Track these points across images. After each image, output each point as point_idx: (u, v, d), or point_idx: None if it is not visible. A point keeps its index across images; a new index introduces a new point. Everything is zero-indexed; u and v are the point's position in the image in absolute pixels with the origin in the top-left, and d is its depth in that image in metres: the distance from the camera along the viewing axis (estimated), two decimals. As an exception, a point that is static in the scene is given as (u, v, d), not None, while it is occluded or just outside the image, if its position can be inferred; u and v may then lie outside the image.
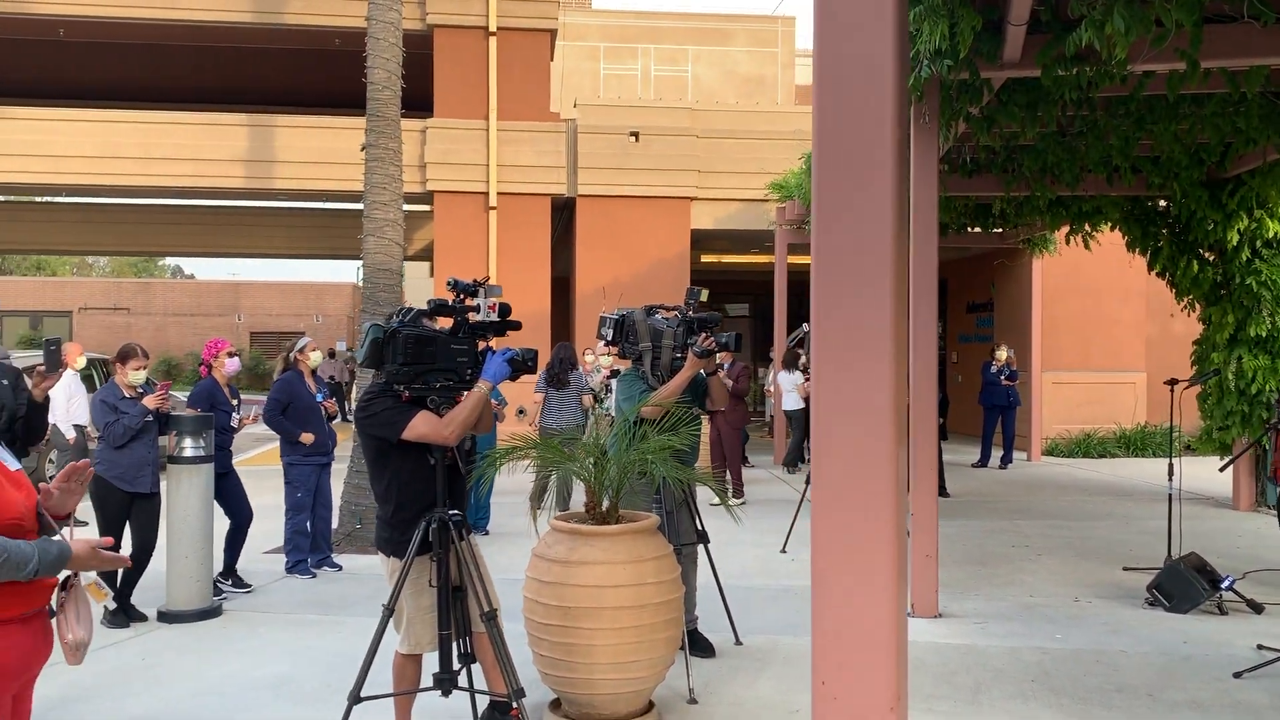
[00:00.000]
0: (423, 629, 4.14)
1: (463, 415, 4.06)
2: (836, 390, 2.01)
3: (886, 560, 2.03)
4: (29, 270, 53.00)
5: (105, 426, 6.17)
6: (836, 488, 2.05)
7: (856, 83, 1.98)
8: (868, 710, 1.96)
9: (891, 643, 2.01)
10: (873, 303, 1.98)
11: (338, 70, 17.90)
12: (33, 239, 23.09)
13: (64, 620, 2.67)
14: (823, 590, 2.09)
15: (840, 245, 2.02)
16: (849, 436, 2.02)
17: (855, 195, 1.99)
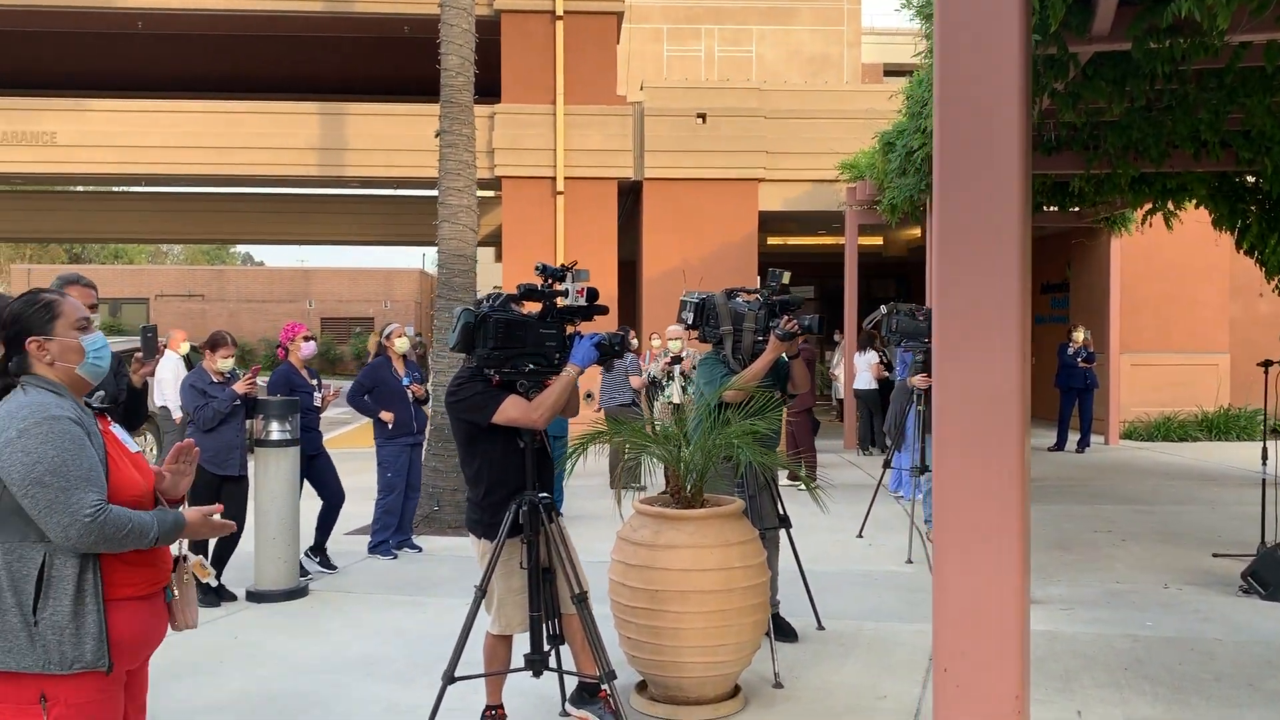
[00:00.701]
0: (513, 610, 4.18)
1: (551, 399, 4.08)
2: (960, 373, 1.97)
3: (1011, 547, 1.99)
4: (107, 258, 54.50)
5: (195, 410, 6.33)
6: (961, 473, 2.01)
7: (983, 45, 1.92)
8: (992, 698, 1.93)
9: (1016, 630, 1.97)
10: (998, 280, 1.93)
11: (407, 57, 18.06)
12: (111, 228, 23.73)
13: (177, 601, 2.75)
14: (946, 576, 2.05)
15: (964, 220, 1.97)
16: (974, 421, 1.97)
17: (981, 165, 1.94)
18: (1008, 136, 1.95)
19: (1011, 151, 1.95)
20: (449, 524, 8.77)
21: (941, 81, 2.07)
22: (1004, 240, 1.95)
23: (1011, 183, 1.95)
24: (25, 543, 2.47)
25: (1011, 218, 1.94)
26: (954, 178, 2.02)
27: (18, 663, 2.42)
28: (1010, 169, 1.95)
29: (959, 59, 2.01)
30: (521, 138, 15.31)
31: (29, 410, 2.48)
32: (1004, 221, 1.94)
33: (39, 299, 2.68)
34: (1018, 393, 1.96)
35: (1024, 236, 1.98)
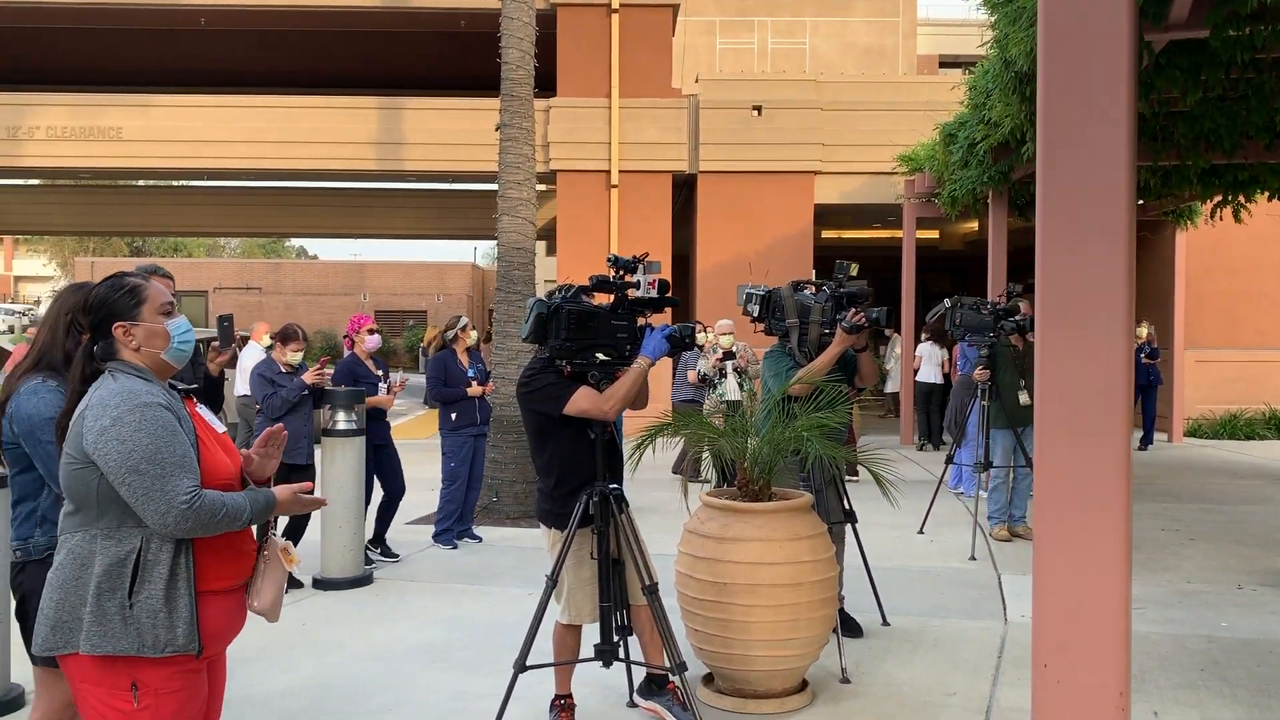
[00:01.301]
0: (583, 600, 4.20)
1: (622, 390, 4.09)
2: (1064, 363, 1.93)
3: (1116, 540, 1.95)
4: (166, 252, 55.56)
5: (264, 399, 6.43)
6: (1065, 464, 1.97)
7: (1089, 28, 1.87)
8: (1094, 695, 1.89)
9: (1120, 625, 1.93)
10: (1104, 266, 1.89)
11: (463, 52, 18.20)
12: (171, 221, 24.20)
13: (256, 589, 2.77)
14: (1046, 569, 2.02)
15: (1069, 206, 1.93)
16: (1078, 412, 1.93)
17: (1087, 151, 1.89)
18: (1115, 124, 1.90)
19: (1119, 137, 1.90)
20: (508, 515, 8.82)
21: (1046, 64, 2.03)
22: (1110, 226, 1.90)
23: (1119, 167, 1.90)
24: (122, 528, 2.51)
25: (1118, 202, 1.90)
26: (1059, 163, 1.98)
27: (113, 646, 2.45)
28: (1117, 154, 1.90)
29: (1064, 48, 1.96)
30: (576, 131, 15.34)
31: (121, 398, 2.49)
32: (1110, 207, 1.89)
33: (124, 284, 2.68)
34: (1123, 383, 1.92)
35: (1130, 222, 1.93)
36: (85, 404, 2.54)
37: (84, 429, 2.49)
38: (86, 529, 2.52)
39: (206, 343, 4.76)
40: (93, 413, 2.49)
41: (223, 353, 4.85)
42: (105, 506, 2.50)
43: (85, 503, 2.52)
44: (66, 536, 2.57)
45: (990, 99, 8.48)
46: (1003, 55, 7.29)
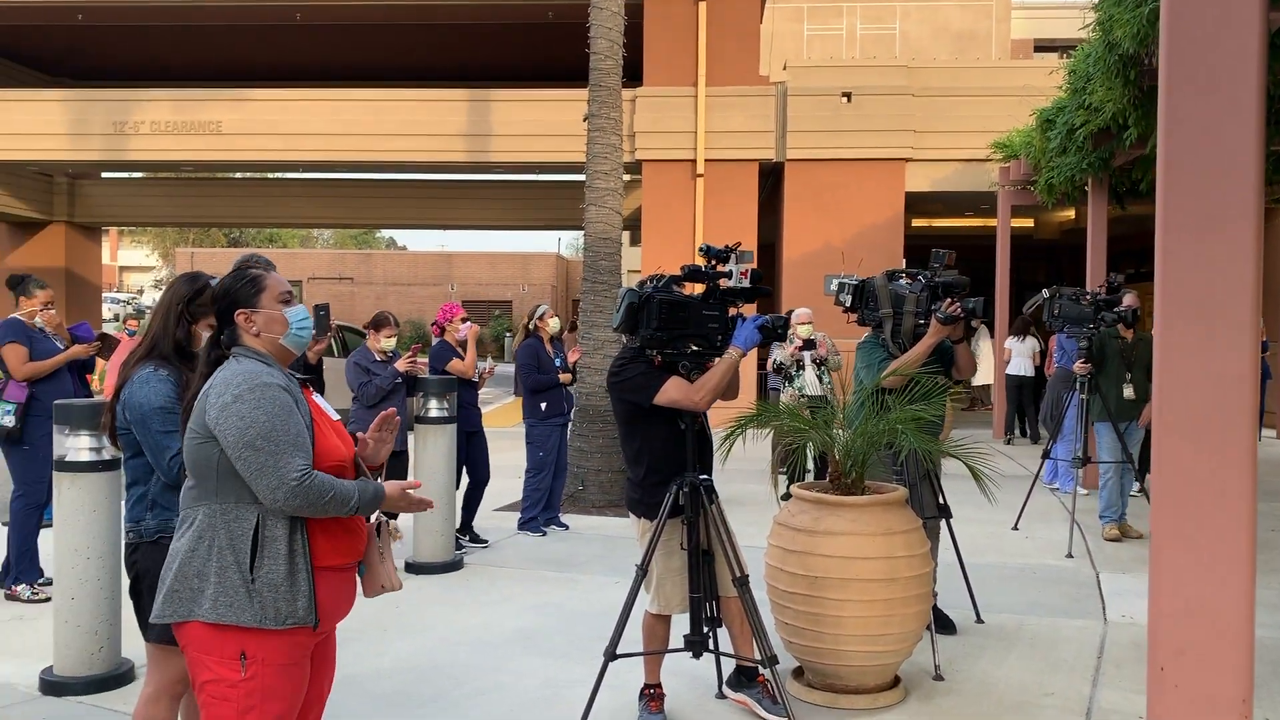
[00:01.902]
0: (672, 590, 4.19)
1: (713, 381, 4.06)
2: (1187, 355, 1.85)
3: (1239, 539, 1.86)
4: (262, 242, 57.16)
5: (359, 387, 6.56)
6: (1186, 461, 1.89)
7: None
8: (1215, 702, 1.81)
9: (1244, 628, 1.85)
10: (1230, 256, 1.80)
11: (551, 44, 18.31)
12: (267, 212, 24.86)
13: (376, 566, 2.85)
14: (1164, 569, 1.94)
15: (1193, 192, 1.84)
16: (1201, 406, 1.85)
17: (1213, 137, 1.80)
18: (1243, 110, 1.81)
19: (1248, 123, 1.81)
20: (593, 503, 8.88)
21: (1170, 47, 1.94)
22: (1238, 215, 1.81)
23: (1247, 154, 1.81)
24: (241, 503, 2.60)
25: (1247, 190, 1.81)
26: (1182, 151, 1.89)
27: (237, 616, 2.55)
28: (1246, 140, 1.81)
29: (1189, 30, 1.87)
30: (662, 120, 15.32)
31: (242, 377, 2.61)
32: (1238, 195, 1.80)
33: (246, 274, 2.80)
34: (1250, 376, 1.83)
35: (1259, 210, 1.84)
36: (209, 384, 2.66)
37: (207, 406, 2.61)
38: (207, 503, 2.63)
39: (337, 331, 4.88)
40: (216, 391, 2.62)
41: (319, 341, 4.96)
42: (225, 481, 2.61)
43: (206, 477, 2.63)
44: (189, 511, 2.68)
45: (1091, 83, 8.21)
46: (1106, 38, 7.06)
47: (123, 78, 21.04)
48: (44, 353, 6.01)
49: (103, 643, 4.57)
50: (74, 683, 4.50)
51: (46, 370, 5.98)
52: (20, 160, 17.49)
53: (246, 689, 2.57)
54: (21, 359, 5.87)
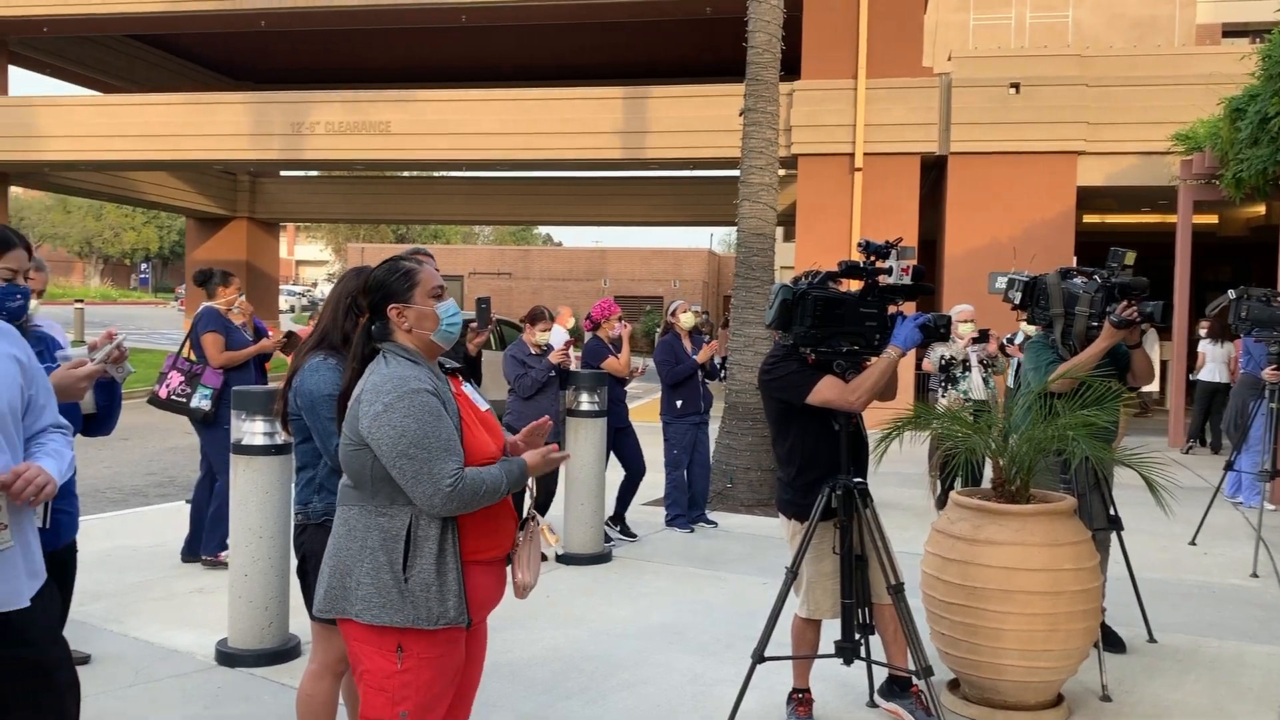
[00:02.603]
0: (822, 595, 4.10)
1: (870, 381, 3.94)
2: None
3: None
4: (427, 238, 59.27)
5: (515, 379, 6.70)
6: None
7: None
8: None
9: None
10: None
11: (708, 39, 18.29)
12: (432, 210, 25.77)
13: (518, 561, 2.87)
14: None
15: None
16: None
17: None
18: None
19: None
20: (741, 502, 8.80)
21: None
22: None
23: None
24: (394, 505, 2.64)
25: None
26: None
27: (390, 618, 2.59)
28: None
29: None
30: (819, 114, 15.07)
31: (392, 384, 2.62)
32: None
33: (400, 267, 2.82)
34: None
35: None
36: (361, 388, 2.69)
37: (359, 414, 2.64)
38: (362, 504, 2.69)
39: (466, 324, 4.98)
40: (367, 398, 2.64)
41: (480, 333, 5.07)
42: (379, 485, 2.65)
43: (361, 480, 2.69)
44: (344, 509, 2.74)
45: (1290, 67, 7.62)
46: (1308, 18, 6.52)
47: (300, 81, 22.15)
48: (238, 343, 6.41)
49: (272, 618, 4.80)
50: (245, 655, 4.75)
51: (240, 359, 6.38)
52: (207, 160, 18.63)
53: (401, 680, 2.63)
54: (219, 347, 6.28)
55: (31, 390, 2.58)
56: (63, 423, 2.69)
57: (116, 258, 61.54)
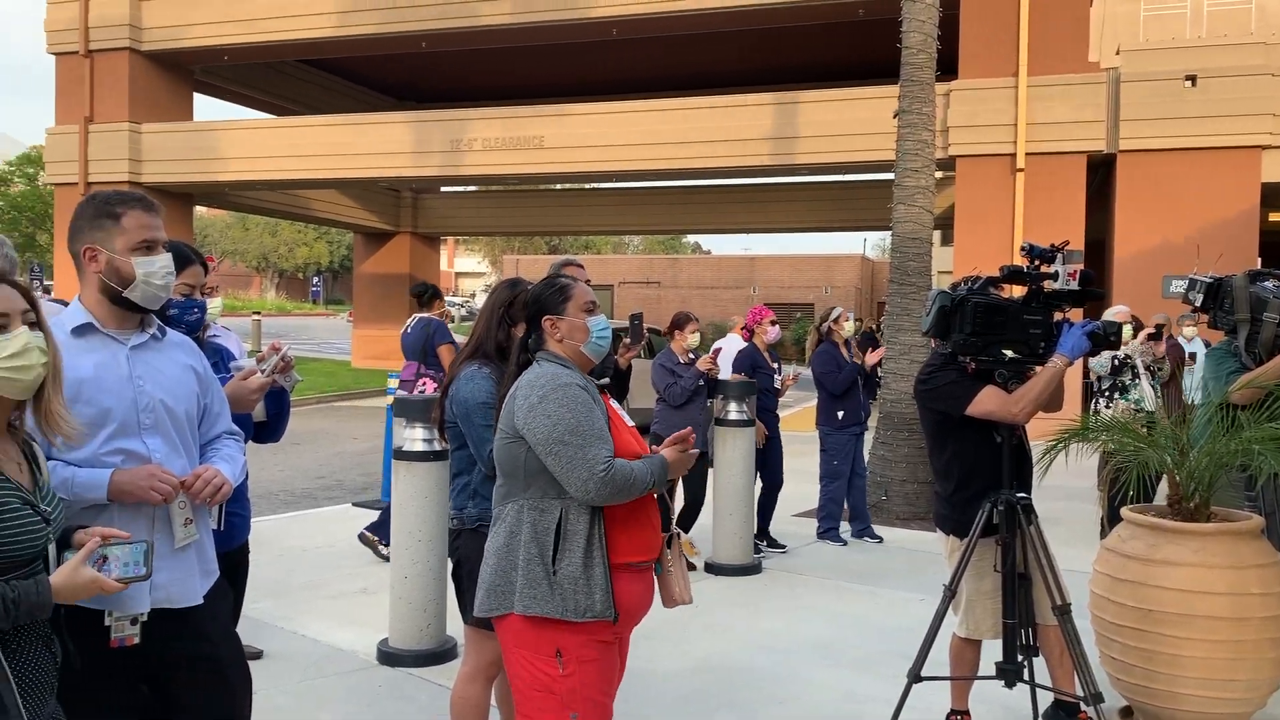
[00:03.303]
0: (983, 614, 3.94)
1: (1035, 392, 3.76)
2: None
3: None
4: (578, 249, 60.35)
5: (665, 388, 6.70)
6: None
7: None
8: None
9: None
10: None
11: (859, 41, 17.97)
12: (583, 221, 26.24)
13: (669, 576, 2.91)
14: None
15: None
16: None
17: None
18: None
19: None
20: (896, 515, 8.58)
21: None
22: None
23: None
24: (546, 498, 2.74)
25: None
26: None
27: (541, 608, 2.68)
28: None
29: None
30: (978, 114, 14.58)
31: (545, 379, 2.76)
32: None
33: (555, 283, 2.96)
34: None
35: None
36: (515, 387, 2.83)
37: (515, 408, 2.77)
38: (515, 500, 2.79)
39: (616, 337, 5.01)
40: (522, 393, 2.78)
41: (632, 348, 5.10)
42: (531, 478, 2.75)
43: (514, 474, 2.79)
44: (500, 509, 2.85)
45: None
46: None
47: (458, 99, 22.90)
48: None
49: (430, 620, 4.94)
50: (405, 655, 4.90)
51: None
52: (373, 177, 19.46)
53: (568, 685, 2.69)
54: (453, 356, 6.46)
55: (207, 399, 2.73)
56: (235, 429, 2.84)
57: (291, 272, 65.14)
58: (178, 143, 19.04)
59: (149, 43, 18.85)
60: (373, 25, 17.73)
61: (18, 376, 2.08)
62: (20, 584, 2.02)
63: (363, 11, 17.68)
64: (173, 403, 2.58)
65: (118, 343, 2.55)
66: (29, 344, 2.10)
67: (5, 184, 38.34)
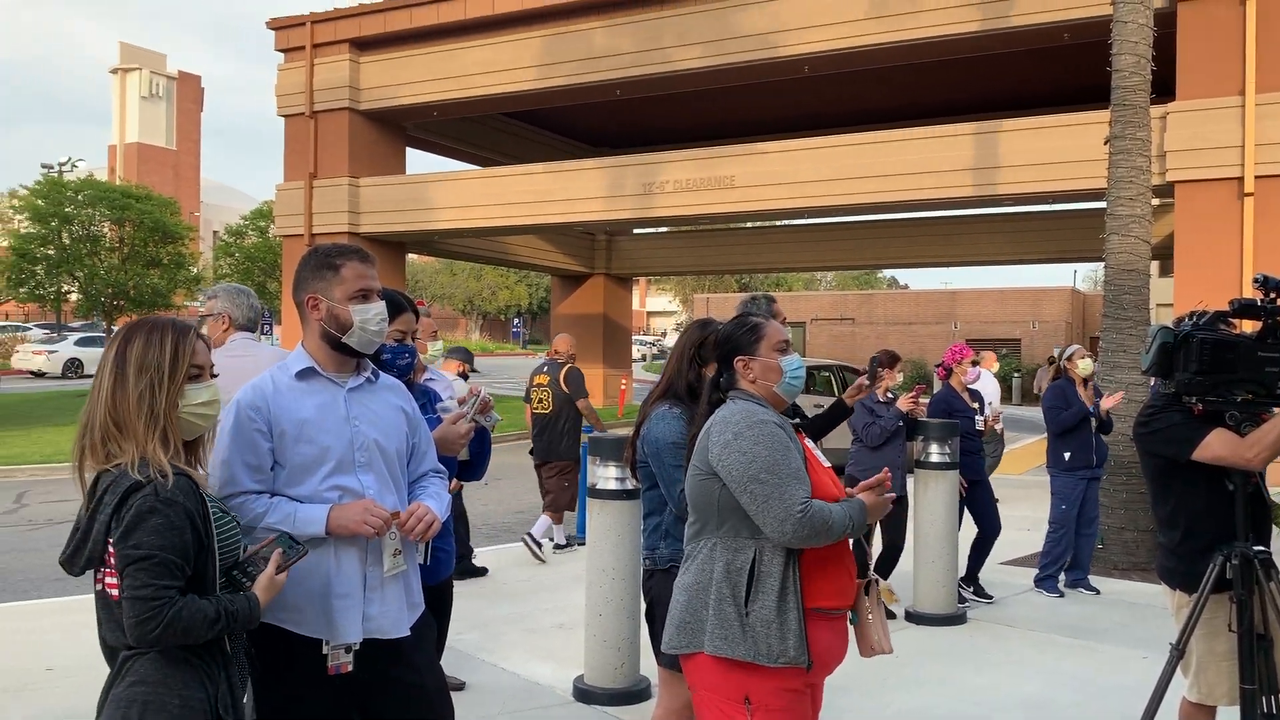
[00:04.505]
0: (1216, 678, 3.60)
1: (1272, 436, 3.42)
2: None
3: None
4: (769, 286, 60.16)
5: (863, 428, 6.53)
6: None
7: None
8: None
9: None
10: None
11: (1063, 67, 17.22)
12: (773, 258, 26.09)
13: (868, 624, 2.80)
14: None
15: None
16: None
17: None
18: None
19: None
20: (1115, 564, 8.03)
21: None
22: None
23: None
24: (739, 537, 2.68)
25: None
26: None
27: (732, 650, 2.61)
28: None
29: None
30: (1200, 136, 13.63)
31: (740, 415, 2.72)
32: None
33: (747, 322, 2.93)
34: None
35: None
36: (710, 423, 2.80)
37: (709, 444, 2.74)
38: (708, 537, 2.75)
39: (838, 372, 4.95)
40: (716, 429, 2.74)
41: (866, 389, 5.03)
42: (724, 516, 2.70)
43: (707, 512, 2.75)
44: (692, 546, 2.81)
45: None
46: None
47: (650, 143, 23.37)
48: None
49: (624, 659, 4.97)
50: (599, 693, 4.94)
51: None
52: (569, 222, 20.06)
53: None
54: None
55: (415, 438, 2.86)
56: (440, 467, 2.96)
57: (493, 314, 68.01)
58: (391, 195, 20.26)
59: (366, 102, 20.19)
60: (570, 76, 18.37)
61: (200, 422, 2.35)
62: (234, 598, 2.25)
63: (561, 64, 18.35)
64: (385, 442, 2.72)
65: (336, 385, 2.72)
66: (214, 396, 2.38)
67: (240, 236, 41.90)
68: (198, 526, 2.20)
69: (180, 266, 35.10)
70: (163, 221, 34.14)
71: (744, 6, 16.88)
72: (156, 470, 2.19)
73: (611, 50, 17.97)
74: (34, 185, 34.70)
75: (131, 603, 2.11)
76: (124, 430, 2.24)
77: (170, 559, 2.13)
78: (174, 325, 2.36)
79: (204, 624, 2.15)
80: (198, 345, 2.36)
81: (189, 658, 2.19)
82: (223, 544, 2.28)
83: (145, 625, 2.10)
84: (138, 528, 2.13)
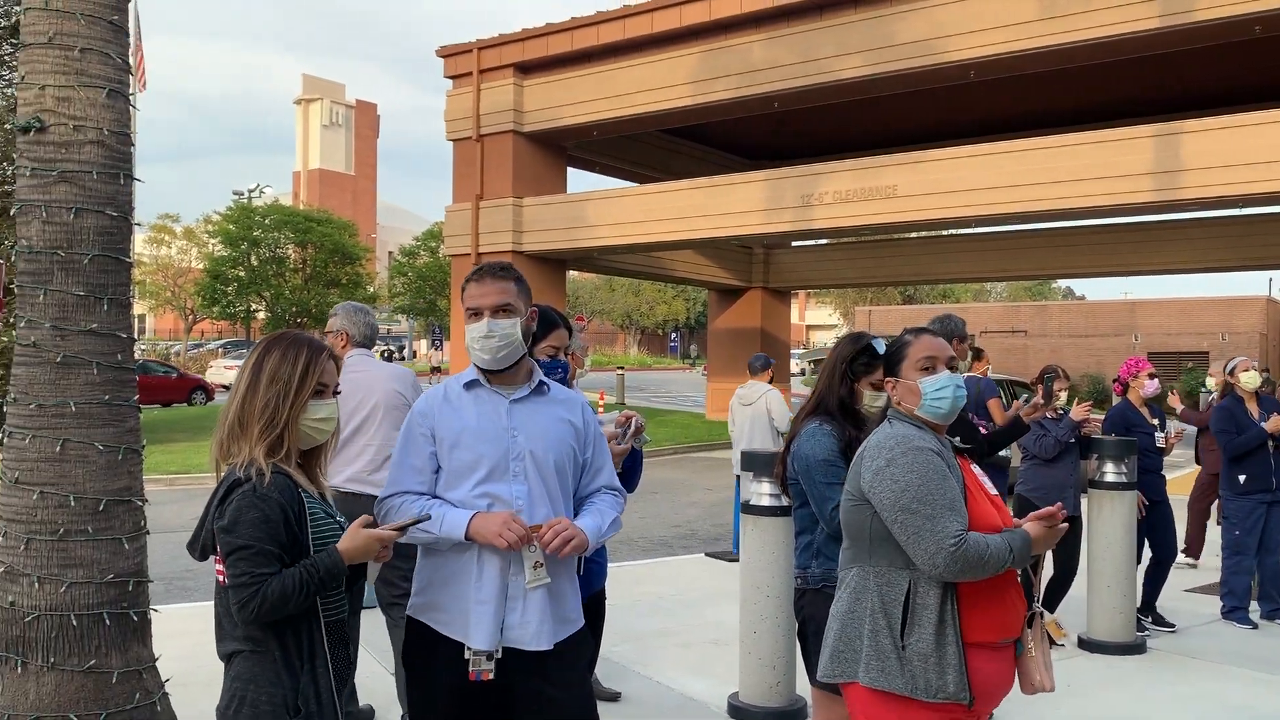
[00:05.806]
0: None
1: None
2: None
3: None
4: (935, 298, 58.50)
5: (1035, 441, 6.23)
6: None
7: None
8: None
9: None
10: None
11: (1252, 61, 16.12)
12: (940, 269, 25.33)
13: (1029, 659, 2.66)
14: None
15: None
16: None
17: None
18: None
19: None
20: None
21: None
22: None
23: None
24: (893, 568, 2.59)
25: None
26: None
27: (888, 683, 2.53)
28: None
29: None
30: None
31: (894, 441, 2.61)
32: None
33: (900, 339, 2.84)
34: None
35: None
36: (863, 448, 2.72)
37: (862, 469, 2.66)
38: (861, 565, 2.67)
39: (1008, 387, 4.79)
40: (870, 454, 2.65)
41: (1041, 408, 4.80)
42: (877, 545, 2.62)
43: (859, 539, 2.67)
44: (845, 571, 2.74)
45: None
46: None
47: (808, 154, 23.13)
48: None
49: (779, 677, 4.90)
50: (754, 711, 4.88)
51: None
52: (727, 236, 20.04)
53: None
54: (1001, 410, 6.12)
55: (587, 454, 2.89)
56: (616, 485, 2.96)
57: (651, 328, 68.70)
58: (552, 213, 20.76)
59: (529, 124, 20.77)
60: (727, 91, 18.39)
61: (317, 435, 2.52)
62: (314, 556, 2.39)
63: (719, 79, 18.40)
64: (542, 453, 2.76)
65: (500, 396, 2.81)
66: (332, 414, 2.54)
67: (413, 256, 43.78)
68: (290, 521, 2.37)
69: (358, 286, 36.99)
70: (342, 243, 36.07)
71: (904, 13, 16.52)
72: (257, 469, 2.38)
73: (770, 63, 17.90)
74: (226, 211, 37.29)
75: (235, 589, 2.32)
76: (245, 431, 2.45)
77: (267, 548, 2.32)
78: (310, 344, 2.54)
79: (295, 587, 2.31)
80: (327, 365, 2.53)
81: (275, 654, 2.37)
82: (317, 542, 2.41)
83: (247, 607, 2.30)
84: (238, 521, 2.33)
